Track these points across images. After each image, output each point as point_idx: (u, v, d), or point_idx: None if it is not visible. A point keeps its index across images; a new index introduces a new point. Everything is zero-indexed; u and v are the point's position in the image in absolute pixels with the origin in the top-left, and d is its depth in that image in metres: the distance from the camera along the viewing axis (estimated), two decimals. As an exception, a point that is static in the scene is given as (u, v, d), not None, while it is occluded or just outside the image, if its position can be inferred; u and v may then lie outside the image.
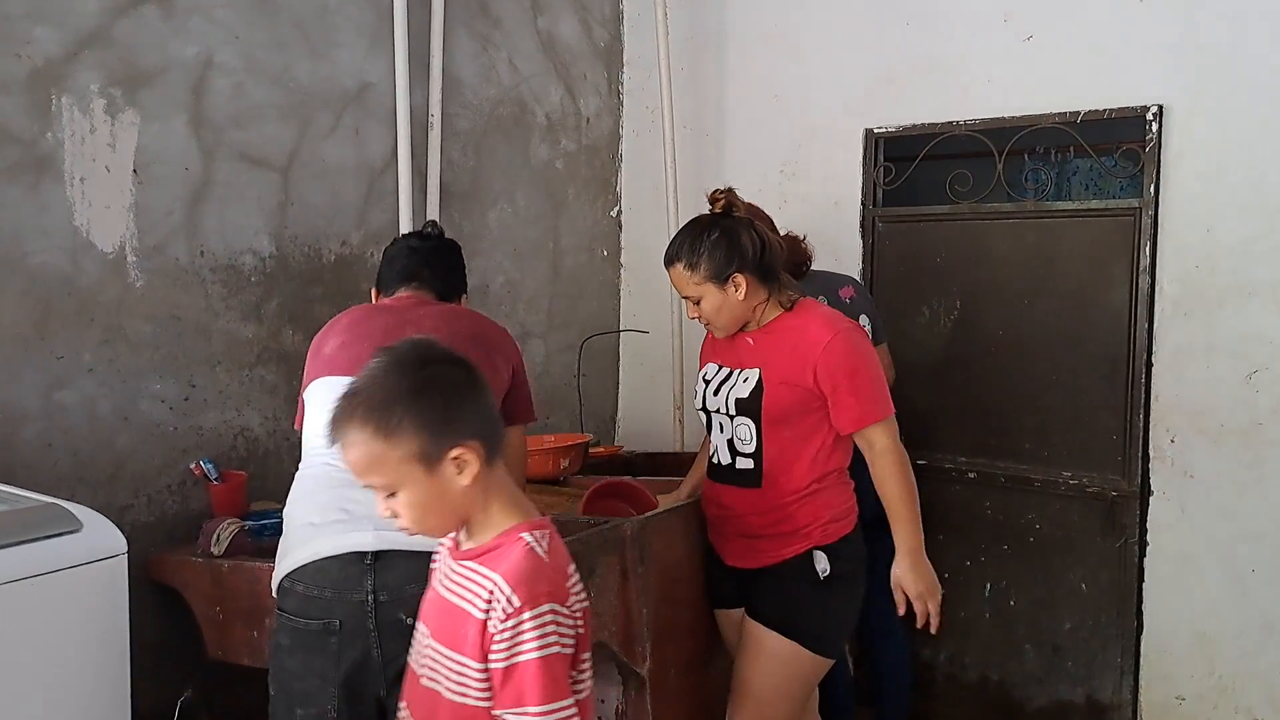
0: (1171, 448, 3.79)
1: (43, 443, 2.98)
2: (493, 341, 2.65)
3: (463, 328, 2.61)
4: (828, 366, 2.89)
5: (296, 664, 2.31)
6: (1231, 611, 3.72)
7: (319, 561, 2.28)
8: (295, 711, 2.31)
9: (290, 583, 2.32)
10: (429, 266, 2.83)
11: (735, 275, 2.94)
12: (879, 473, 2.93)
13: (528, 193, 4.56)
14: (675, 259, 2.99)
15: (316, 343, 2.65)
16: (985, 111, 4.08)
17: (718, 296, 2.96)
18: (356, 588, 2.25)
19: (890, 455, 2.92)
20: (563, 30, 4.70)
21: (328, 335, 2.62)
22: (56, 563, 2.14)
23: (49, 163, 2.97)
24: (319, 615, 2.27)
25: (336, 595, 2.26)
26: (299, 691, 2.30)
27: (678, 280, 3.01)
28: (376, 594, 2.24)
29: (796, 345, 2.94)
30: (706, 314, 3.01)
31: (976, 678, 4.24)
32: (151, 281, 3.21)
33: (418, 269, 2.82)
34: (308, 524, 2.34)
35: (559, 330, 4.74)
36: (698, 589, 3.29)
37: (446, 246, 2.94)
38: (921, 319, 4.26)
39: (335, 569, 2.26)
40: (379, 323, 2.59)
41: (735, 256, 2.94)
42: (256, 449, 3.52)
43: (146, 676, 2.54)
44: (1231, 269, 3.65)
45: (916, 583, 2.88)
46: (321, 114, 3.67)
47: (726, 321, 3.01)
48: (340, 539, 2.28)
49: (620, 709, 3.17)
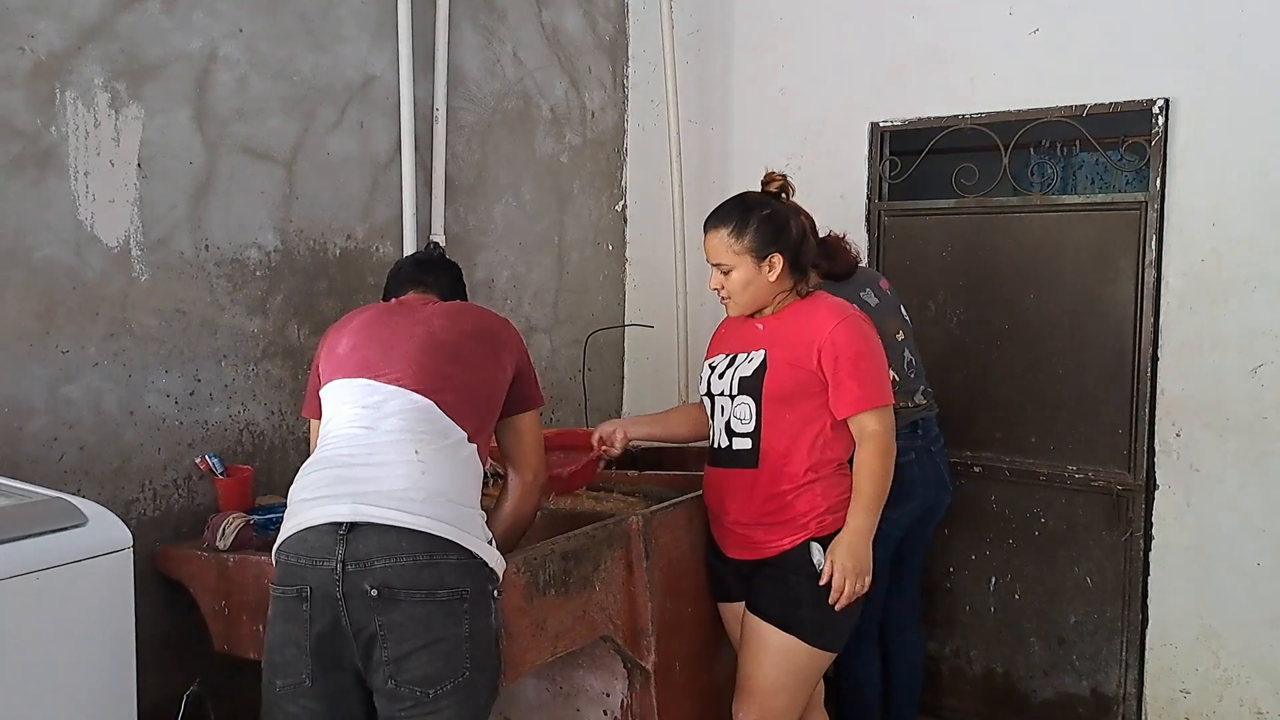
0: (1177, 441, 3.79)
1: (48, 437, 2.98)
2: (496, 336, 2.70)
3: (467, 324, 2.68)
4: (832, 349, 2.92)
5: (277, 634, 2.38)
6: (1237, 605, 3.72)
7: (300, 532, 2.36)
8: (276, 683, 2.38)
9: (278, 555, 2.42)
10: (432, 274, 2.97)
11: (774, 255, 2.99)
12: (862, 454, 2.96)
13: (533, 187, 4.56)
14: (721, 224, 3.03)
15: (330, 340, 2.72)
16: (991, 105, 4.08)
17: (751, 271, 3.00)
18: (328, 557, 2.31)
19: (878, 441, 2.95)
20: (567, 23, 4.69)
21: (341, 334, 2.70)
22: (63, 557, 2.14)
23: (53, 157, 2.97)
24: (294, 582, 2.35)
25: (310, 563, 2.33)
26: (279, 663, 2.37)
27: (716, 246, 3.03)
28: (345, 564, 2.29)
29: (804, 328, 2.98)
30: (732, 286, 3.03)
31: (982, 670, 4.24)
32: (156, 276, 3.21)
33: (422, 276, 2.96)
34: (300, 500, 2.42)
35: (564, 324, 4.74)
36: (702, 582, 3.30)
37: (448, 263, 3.09)
38: (927, 313, 4.25)
39: (312, 538, 2.34)
40: (388, 325, 2.66)
41: (781, 237, 3.00)
42: (262, 443, 3.52)
43: (152, 670, 2.54)
44: (1237, 263, 3.65)
45: (846, 559, 2.91)
46: (326, 107, 3.66)
47: (748, 299, 3.04)
48: (320, 510, 2.35)
49: (625, 702, 3.18)
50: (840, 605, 2.92)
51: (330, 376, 2.63)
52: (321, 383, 2.67)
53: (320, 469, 2.46)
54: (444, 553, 2.32)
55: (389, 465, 2.39)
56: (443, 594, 2.31)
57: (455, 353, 2.59)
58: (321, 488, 2.40)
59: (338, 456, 2.45)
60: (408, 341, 2.58)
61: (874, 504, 2.94)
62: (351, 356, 2.60)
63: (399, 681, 2.30)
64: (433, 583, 2.30)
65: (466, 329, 2.66)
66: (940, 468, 3.61)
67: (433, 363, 2.54)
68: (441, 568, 2.31)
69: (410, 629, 2.29)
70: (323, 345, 2.75)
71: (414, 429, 2.45)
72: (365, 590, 2.28)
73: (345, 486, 2.37)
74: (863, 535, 2.93)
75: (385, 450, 2.41)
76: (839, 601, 2.91)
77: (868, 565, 2.93)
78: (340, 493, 2.36)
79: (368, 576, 2.28)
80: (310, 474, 2.47)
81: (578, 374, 4.63)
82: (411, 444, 2.42)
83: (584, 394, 4.67)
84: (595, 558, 2.98)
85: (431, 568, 2.30)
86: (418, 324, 2.63)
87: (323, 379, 2.67)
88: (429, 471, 2.38)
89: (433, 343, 2.58)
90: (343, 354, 2.63)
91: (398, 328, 2.63)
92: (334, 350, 2.67)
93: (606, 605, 3.01)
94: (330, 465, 2.45)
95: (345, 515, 2.32)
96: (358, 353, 2.60)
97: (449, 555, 2.33)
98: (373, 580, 2.28)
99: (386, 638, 2.29)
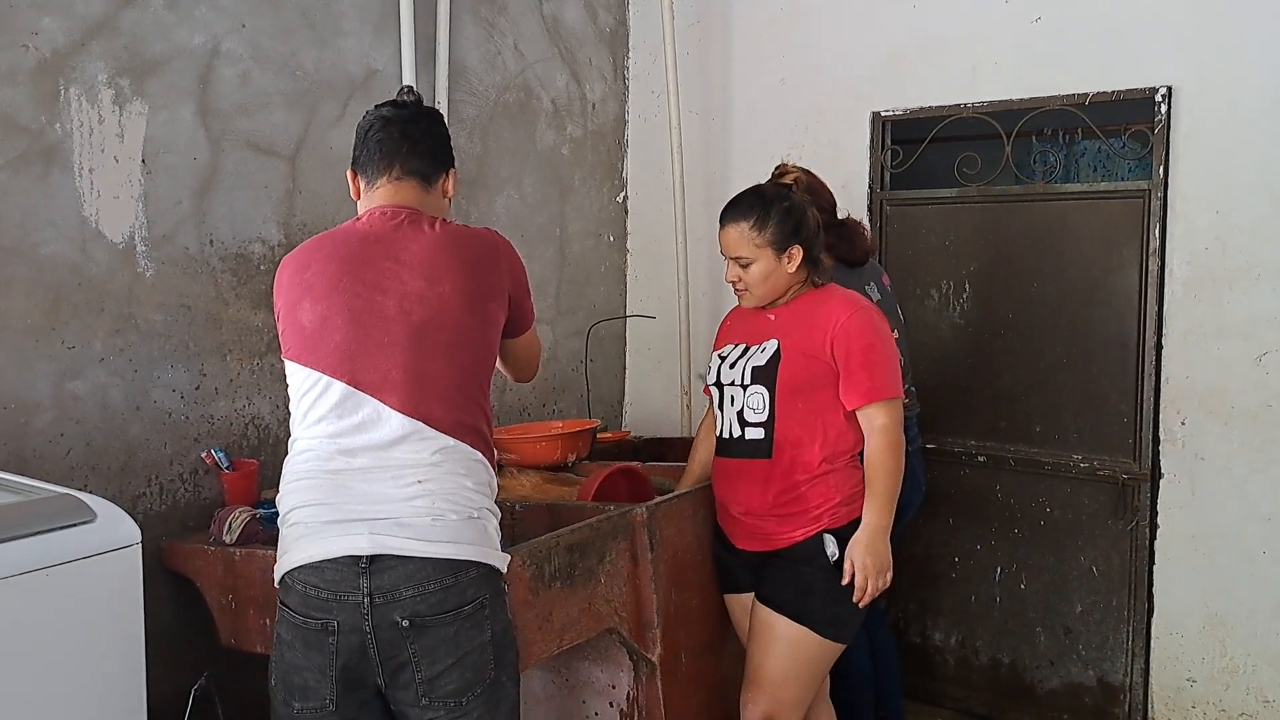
0: (1182, 430, 3.79)
1: (55, 433, 2.98)
2: (484, 283, 2.45)
3: (446, 285, 2.38)
4: (845, 339, 2.94)
5: (296, 658, 2.32)
6: (1243, 593, 3.72)
7: (315, 563, 2.29)
8: (293, 705, 2.33)
9: (291, 579, 2.34)
10: (407, 140, 2.53)
11: (794, 247, 3.01)
12: (872, 448, 2.97)
13: (534, 179, 4.55)
14: (742, 217, 3.03)
15: (291, 292, 2.46)
16: (993, 94, 4.07)
17: (771, 263, 3.01)
18: (352, 591, 2.25)
19: (888, 434, 2.96)
20: (568, 15, 4.68)
21: (305, 292, 2.43)
22: (71, 553, 2.14)
23: (57, 153, 2.97)
24: (318, 614, 2.29)
25: (334, 596, 2.27)
26: (297, 685, 2.33)
27: (736, 239, 3.03)
28: (373, 596, 2.25)
29: (816, 318, 2.99)
30: (752, 279, 3.04)
31: (988, 660, 4.25)
32: (161, 271, 3.21)
33: (394, 147, 2.52)
34: (302, 524, 2.34)
35: (566, 316, 4.74)
36: (708, 574, 3.30)
37: (425, 114, 2.62)
38: (930, 303, 4.25)
39: (330, 571, 2.27)
40: (361, 295, 2.38)
41: (800, 229, 3.02)
42: (267, 437, 3.52)
43: (160, 664, 2.54)
44: (1241, 250, 3.64)
45: (866, 556, 2.92)
46: (328, 102, 3.66)
47: (767, 291, 3.05)
48: (335, 542, 2.28)
49: (631, 695, 3.18)
50: (864, 603, 2.94)
51: (298, 354, 2.42)
52: (284, 349, 2.46)
53: (314, 480, 2.36)
54: (465, 570, 2.30)
55: (393, 497, 2.30)
56: (467, 608, 2.30)
57: (437, 340, 2.36)
58: (327, 510, 2.32)
59: (331, 471, 2.34)
60: (385, 330, 2.35)
61: (889, 499, 2.95)
62: (322, 338, 2.38)
63: (433, 699, 2.29)
64: (458, 601, 2.28)
65: (445, 293, 2.38)
66: (916, 467, 3.59)
67: (416, 364, 2.35)
68: (463, 584, 2.29)
69: (442, 650, 2.27)
70: (280, 289, 2.50)
71: (409, 454, 2.33)
72: (396, 621, 2.24)
73: (354, 509, 2.30)
74: (881, 532, 2.94)
75: (382, 480, 2.32)
76: (862, 600, 2.93)
77: (888, 561, 2.95)
78: (351, 518, 2.29)
79: (397, 608, 2.25)
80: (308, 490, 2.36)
81: (580, 365, 4.63)
82: (412, 472, 2.32)
83: (586, 385, 4.68)
84: (600, 550, 2.98)
85: (455, 588, 2.28)
86: (390, 295, 2.36)
87: (285, 346, 2.46)
88: (435, 493, 2.31)
89: (412, 331, 2.35)
90: (310, 328, 2.40)
91: (371, 302, 2.37)
92: (295, 313, 2.43)
93: (612, 597, 3.01)
94: (326, 476, 2.34)
95: (365, 548, 2.26)
96: (329, 335, 2.38)
97: (469, 572, 2.30)
98: (402, 611, 2.24)
99: (419, 662, 2.27)
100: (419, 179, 2.54)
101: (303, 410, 2.42)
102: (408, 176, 2.53)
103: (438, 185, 2.59)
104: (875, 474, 2.95)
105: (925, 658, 4.36)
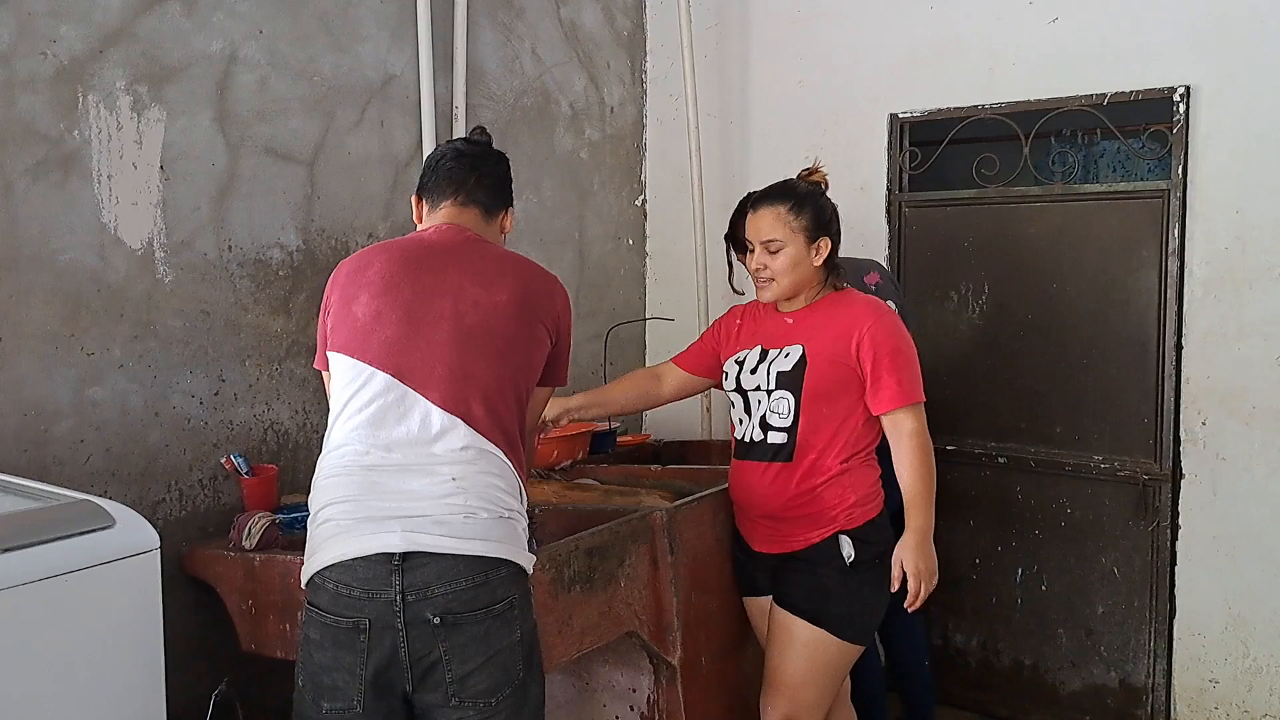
0: (1203, 430, 3.77)
1: (75, 439, 2.99)
2: (536, 306, 2.51)
3: (502, 295, 2.46)
4: (871, 344, 2.95)
5: (325, 658, 2.32)
6: (1265, 593, 3.70)
7: (347, 562, 2.29)
8: (322, 705, 2.33)
9: (320, 579, 2.33)
10: (475, 172, 2.65)
11: (824, 239, 3.02)
12: (903, 455, 2.97)
13: (553, 183, 4.56)
14: (779, 200, 3.04)
15: (347, 287, 2.50)
16: (1011, 95, 4.06)
17: (801, 251, 3.01)
18: (385, 588, 2.26)
19: (917, 439, 2.96)
20: (585, 19, 4.69)
21: (360, 286, 2.48)
22: (90, 559, 2.15)
23: (76, 160, 2.98)
24: (349, 614, 2.28)
25: (366, 595, 2.27)
26: (327, 685, 2.32)
27: (771, 221, 3.02)
28: (405, 594, 2.25)
29: (840, 324, 2.99)
30: (779, 266, 3.03)
31: (1010, 662, 4.23)
32: (180, 277, 3.22)
33: (463, 176, 2.63)
34: (334, 522, 2.34)
35: (586, 319, 4.74)
36: (728, 577, 3.30)
37: (495, 154, 2.74)
38: (950, 304, 4.24)
39: (363, 569, 2.27)
40: (417, 293, 2.44)
41: (831, 223, 3.05)
42: (287, 442, 3.53)
43: (180, 670, 2.55)
44: (1261, 250, 3.62)
45: (917, 561, 2.93)
46: (346, 107, 3.67)
47: (791, 282, 3.05)
48: (368, 540, 2.28)
49: (652, 698, 3.18)
50: (915, 607, 2.95)
51: (345, 346, 2.45)
52: (331, 342, 2.49)
53: (348, 476, 2.37)
54: (496, 569, 2.30)
55: (426, 494, 2.32)
56: (498, 607, 2.30)
57: (485, 345, 2.42)
58: (360, 509, 2.33)
59: (366, 467, 2.37)
60: (436, 328, 2.40)
61: (928, 502, 2.96)
62: (373, 332, 2.42)
63: (463, 698, 2.29)
64: (488, 599, 2.29)
65: (501, 302, 2.45)
66: None
67: (461, 363, 2.39)
68: (493, 583, 2.30)
69: (473, 648, 2.28)
70: (335, 285, 2.54)
71: (445, 450, 2.36)
72: (428, 619, 2.25)
73: (387, 506, 2.31)
74: (926, 535, 2.95)
75: (417, 475, 2.34)
76: (914, 605, 2.94)
77: (935, 564, 2.96)
78: (384, 515, 2.30)
79: (429, 605, 2.25)
80: (339, 488, 2.38)
81: (599, 368, 4.63)
82: (447, 469, 2.34)
83: (606, 389, 4.68)
84: (620, 553, 2.98)
85: (486, 586, 2.29)
86: (447, 296, 2.43)
87: (333, 339, 2.49)
88: (468, 490, 2.32)
89: (461, 333, 2.40)
90: (362, 321, 2.44)
91: (427, 302, 2.43)
92: (350, 306, 2.47)
93: (632, 601, 3.01)
94: (360, 472, 2.36)
95: (398, 545, 2.26)
96: (380, 329, 2.42)
97: (500, 570, 2.31)
98: (434, 608, 2.25)
99: (451, 661, 2.27)
100: (481, 209, 2.65)
101: (342, 401, 2.44)
102: (471, 205, 2.63)
103: (497, 220, 2.69)
104: (912, 479, 2.95)
105: (947, 660, 4.34)
